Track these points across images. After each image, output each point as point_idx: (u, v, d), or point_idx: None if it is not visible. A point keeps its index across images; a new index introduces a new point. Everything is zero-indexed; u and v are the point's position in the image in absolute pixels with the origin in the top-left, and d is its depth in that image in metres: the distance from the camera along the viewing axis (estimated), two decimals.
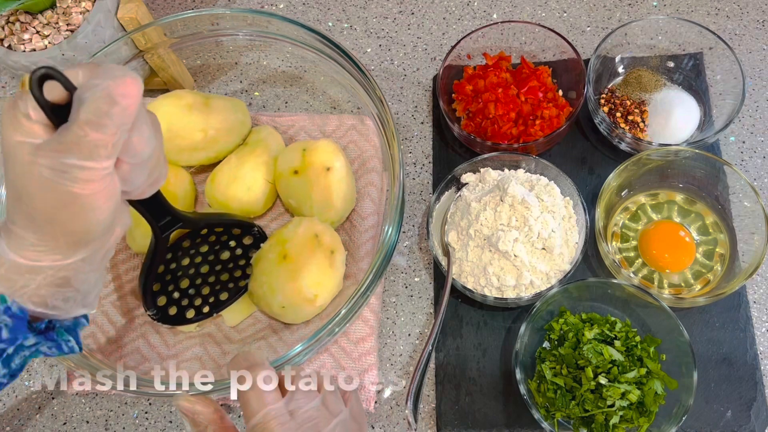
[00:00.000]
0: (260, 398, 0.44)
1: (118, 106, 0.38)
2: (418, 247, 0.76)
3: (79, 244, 0.41)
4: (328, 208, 0.71)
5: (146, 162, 0.42)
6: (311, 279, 0.66)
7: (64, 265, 0.42)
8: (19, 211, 0.40)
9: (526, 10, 0.89)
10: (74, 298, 0.44)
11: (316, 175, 0.70)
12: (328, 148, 0.72)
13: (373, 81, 0.69)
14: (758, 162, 0.78)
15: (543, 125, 0.75)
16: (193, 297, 0.69)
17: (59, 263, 0.42)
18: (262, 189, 0.74)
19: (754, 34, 0.85)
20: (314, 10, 0.92)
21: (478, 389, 0.68)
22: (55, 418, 0.71)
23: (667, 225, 0.73)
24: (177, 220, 0.60)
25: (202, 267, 0.69)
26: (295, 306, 0.67)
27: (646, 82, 0.79)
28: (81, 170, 0.37)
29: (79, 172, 0.37)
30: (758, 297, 0.71)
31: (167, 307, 0.68)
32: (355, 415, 0.48)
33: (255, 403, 0.44)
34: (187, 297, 0.68)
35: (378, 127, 0.71)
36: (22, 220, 0.40)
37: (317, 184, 0.70)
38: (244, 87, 0.86)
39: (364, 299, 0.62)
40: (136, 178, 0.42)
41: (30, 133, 0.38)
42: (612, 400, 0.60)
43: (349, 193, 0.73)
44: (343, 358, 0.69)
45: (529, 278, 0.66)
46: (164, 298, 0.67)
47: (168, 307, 0.68)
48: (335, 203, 0.71)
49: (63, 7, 0.77)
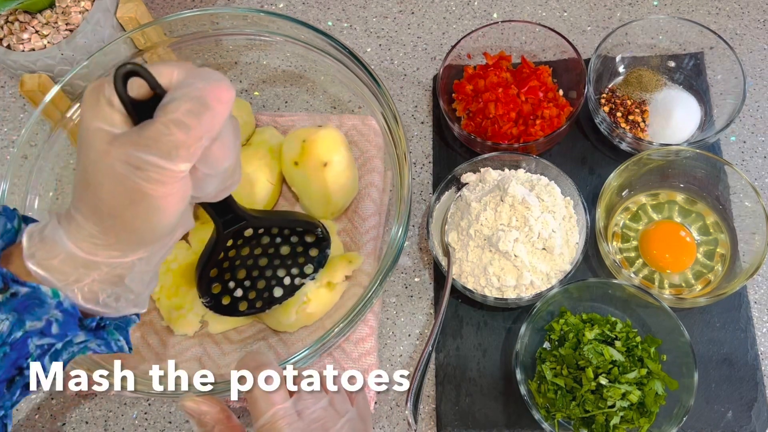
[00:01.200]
0: (268, 399, 0.44)
1: (210, 110, 0.36)
2: (418, 247, 0.76)
3: (140, 243, 0.40)
4: (326, 202, 0.72)
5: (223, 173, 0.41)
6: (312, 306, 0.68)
7: (121, 263, 0.40)
8: (85, 200, 0.39)
9: (526, 9, 0.89)
10: (126, 297, 0.43)
11: (314, 169, 0.70)
12: (327, 140, 0.71)
13: (378, 79, 0.69)
14: (759, 162, 0.77)
15: (543, 125, 0.75)
16: (247, 289, 0.67)
17: (116, 260, 0.40)
18: (265, 190, 0.74)
19: (755, 33, 0.85)
20: (314, 9, 0.91)
21: (479, 390, 0.68)
22: (54, 419, 0.71)
23: (667, 225, 0.72)
24: (241, 219, 0.60)
25: (260, 259, 0.68)
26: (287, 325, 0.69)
27: (646, 81, 0.79)
28: (156, 169, 0.36)
29: (153, 171, 0.36)
30: (759, 297, 0.71)
31: (221, 296, 0.67)
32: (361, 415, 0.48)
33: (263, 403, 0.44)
34: (242, 288, 0.67)
35: (383, 125, 0.71)
36: (86, 209, 0.39)
37: (315, 178, 0.70)
38: (244, 87, 0.86)
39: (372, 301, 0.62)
40: (210, 186, 0.41)
41: (110, 121, 0.37)
42: (612, 401, 0.60)
43: (349, 184, 0.72)
44: (344, 358, 0.69)
45: (529, 278, 0.66)
46: (219, 286, 0.67)
47: (222, 296, 0.67)
48: (334, 198, 0.71)
49: (62, 7, 0.77)
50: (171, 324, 0.70)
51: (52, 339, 0.41)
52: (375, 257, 0.71)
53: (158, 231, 0.40)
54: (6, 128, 0.87)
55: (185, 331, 0.70)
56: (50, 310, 0.40)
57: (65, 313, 0.41)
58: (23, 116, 0.87)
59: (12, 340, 0.40)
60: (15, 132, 0.87)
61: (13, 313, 0.40)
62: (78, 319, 0.42)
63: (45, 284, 0.40)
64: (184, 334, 0.70)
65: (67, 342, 0.43)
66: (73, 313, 0.41)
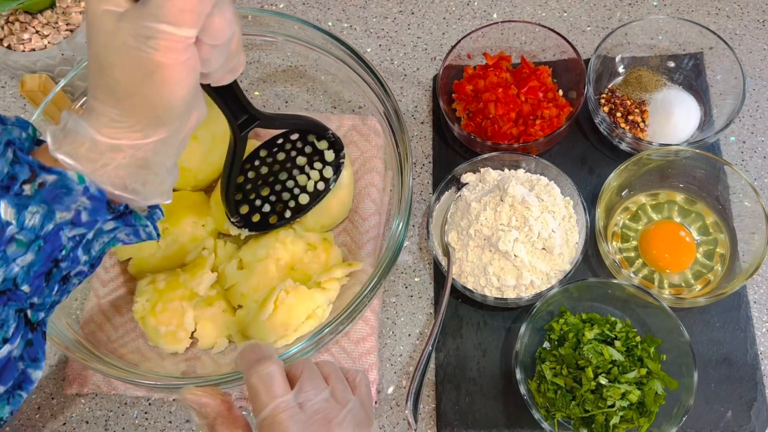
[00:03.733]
0: (269, 391, 0.44)
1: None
2: (418, 247, 0.76)
3: (159, 121, 0.42)
4: (322, 216, 0.73)
5: (226, 45, 0.43)
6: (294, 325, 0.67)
7: (144, 144, 0.42)
8: (101, 85, 0.41)
9: (526, 9, 0.89)
10: (152, 182, 0.44)
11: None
12: None
13: (381, 78, 0.70)
14: (759, 162, 0.78)
15: (543, 125, 0.75)
16: (274, 203, 0.70)
17: (138, 141, 0.42)
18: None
19: (755, 33, 0.85)
20: (314, 9, 0.92)
21: (479, 389, 0.68)
22: (54, 418, 0.71)
23: (667, 225, 0.73)
24: (254, 119, 0.61)
25: (280, 174, 0.71)
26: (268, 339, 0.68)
27: (646, 81, 0.79)
28: (164, 36, 0.38)
29: (162, 38, 0.38)
30: (758, 297, 0.71)
31: (250, 215, 0.69)
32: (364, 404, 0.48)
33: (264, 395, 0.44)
34: (269, 203, 0.70)
35: (384, 123, 0.71)
36: (103, 94, 0.41)
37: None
38: (244, 86, 0.86)
39: (370, 297, 0.62)
40: (215, 60, 0.43)
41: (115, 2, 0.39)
42: (612, 401, 0.60)
43: (346, 198, 0.73)
44: (344, 357, 0.69)
45: (529, 278, 0.66)
46: (246, 207, 0.69)
47: (251, 215, 0.69)
48: (330, 212, 0.72)
49: (62, 7, 0.77)
50: (159, 343, 0.68)
51: (83, 228, 0.43)
52: (375, 256, 0.71)
53: (174, 105, 0.41)
54: None
55: (175, 348, 0.68)
56: (78, 198, 0.42)
57: (93, 199, 0.42)
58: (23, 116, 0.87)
59: (45, 233, 0.41)
60: None
61: (43, 205, 0.41)
62: (106, 203, 0.43)
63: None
64: (175, 352, 0.69)
65: (97, 231, 0.44)
66: (101, 198, 0.43)
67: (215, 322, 0.68)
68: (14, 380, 0.44)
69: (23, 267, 0.41)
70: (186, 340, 0.68)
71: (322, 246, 0.71)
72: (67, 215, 0.42)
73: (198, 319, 0.68)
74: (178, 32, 0.38)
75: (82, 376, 0.70)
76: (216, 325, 0.69)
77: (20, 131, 0.44)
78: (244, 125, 0.61)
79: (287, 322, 0.65)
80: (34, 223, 0.41)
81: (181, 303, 0.67)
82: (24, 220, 0.41)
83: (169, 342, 0.68)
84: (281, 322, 0.65)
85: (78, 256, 0.44)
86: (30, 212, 0.41)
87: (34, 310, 0.44)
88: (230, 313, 0.70)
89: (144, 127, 0.42)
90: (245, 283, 0.69)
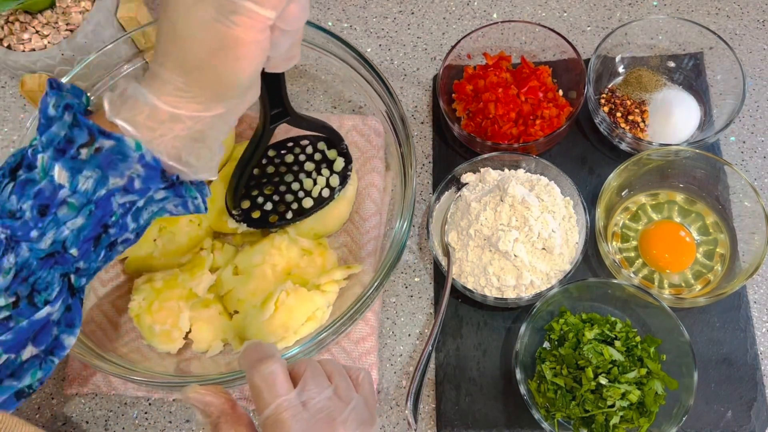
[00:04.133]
0: (272, 390, 0.44)
1: None
2: (418, 247, 0.76)
3: (222, 96, 0.42)
4: (317, 224, 0.73)
5: (295, 33, 0.44)
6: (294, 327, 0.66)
7: (203, 116, 0.43)
8: (172, 53, 0.41)
9: (526, 9, 0.89)
10: (205, 156, 0.45)
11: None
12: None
13: (384, 77, 0.70)
14: (759, 162, 0.78)
15: (543, 125, 0.75)
16: (276, 203, 0.70)
17: (199, 114, 0.42)
18: None
19: (755, 33, 0.85)
20: (314, 9, 0.92)
21: (479, 389, 0.68)
22: (54, 418, 0.71)
23: (667, 225, 0.73)
24: (285, 114, 0.62)
25: (286, 176, 0.71)
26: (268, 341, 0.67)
27: (646, 81, 0.79)
28: (248, 13, 0.38)
29: (245, 15, 0.38)
30: (758, 297, 0.71)
31: (250, 211, 0.69)
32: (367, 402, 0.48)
33: (267, 394, 0.44)
34: (272, 203, 0.70)
35: (387, 123, 0.71)
36: (171, 63, 0.41)
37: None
38: None
39: (373, 297, 0.62)
40: (282, 44, 0.43)
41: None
42: (612, 401, 0.60)
43: (344, 211, 0.74)
44: (344, 357, 0.69)
45: (529, 278, 0.66)
46: (248, 202, 0.69)
47: (251, 210, 0.70)
48: (326, 221, 0.73)
49: (62, 7, 0.77)
50: (153, 341, 0.68)
51: (135, 195, 0.43)
52: (376, 257, 0.71)
53: (240, 82, 0.42)
54: (6, 128, 0.87)
55: (168, 348, 0.68)
56: (133, 164, 0.42)
57: (147, 167, 0.42)
58: (24, 116, 0.87)
59: (96, 198, 0.42)
60: (15, 132, 0.87)
61: (97, 170, 0.41)
62: (160, 171, 0.43)
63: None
64: (167, 352, 0.68)
65: (148, 199, 0.44)
66: (155, 167, 0.43)
67: (211, 324, 0.68)
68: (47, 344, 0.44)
69: (73, 230, 0.42)
70: (179, 340, 0.68)
71: (317, 250, 0.72)
72: (120, 181, 0.42)
73: (194, 321, 0.68)
74: (262, 12, 0.39)
75: (82, 376, 0.70)
76: (211, 328, 0.68)
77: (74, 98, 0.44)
78: (274, 119, 0.61)
79: (287, 323, 0.65)
80: (87, 187, 0.41)
81: (177, 303, 0.67)
82: (77, 183, 0.41)
83: (163, 341, 0.68)
84: (281, 324, 0.65)
85: (127, 222, 0.44)
86: (84, 176, 0.41)
87: (78, 275, 0.44)
88: (226, 317, 0.70)
89: (207, 99, 0.42)
90: (242, 288, 0.68)
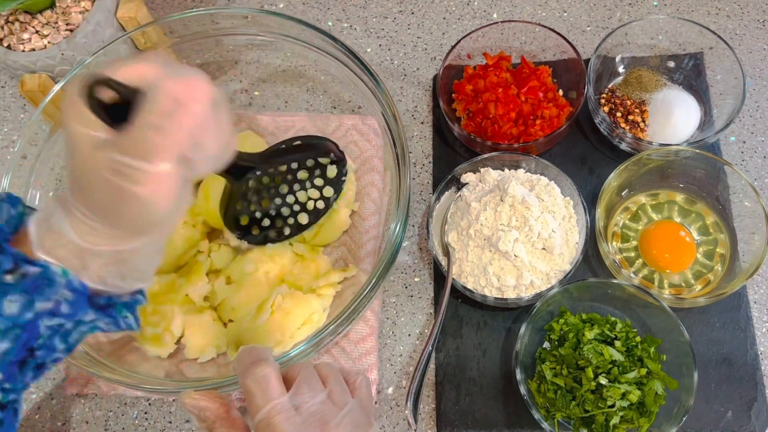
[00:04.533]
0: (264, 393, 0.44)
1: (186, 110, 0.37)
2: (418, 247, 0.76)
3: (138, 233, 0.41)
4: (320, 237, 0.73)
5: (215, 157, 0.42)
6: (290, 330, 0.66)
7: (124, 249, 0.42)
8: (81, 198, 0.40)
9: (526, 9, 0.89)
10: (132, 276, 0.44)
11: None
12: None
13: (378, 78, 0.70)
14: (759, 162, 0.77)
15: (543, 125, 0.75)
16: (274, 218, 0.69)
17: (119, 248, 0.42)
18: None
19: (755, 33, 0.85)
20: (314, 9, 0.91)
21: (479, 389, 0.68)
22: (54, 419, 0.71)
23: (667, 225, 0.72)
24: (248, 168, 0.60)
25: (281, 187, 0.69)
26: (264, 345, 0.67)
27: (646, 81, 0.79)
28: (139, 172, 0.37)
29: (136, 174, 0.37)
30: (759, 297, 0.71)
31: (250, 227, 0.68)
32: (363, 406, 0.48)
33: (260, 398, 0.44)
34: (269, 218, 0.69)
35: (383, 124, 0.71)
36: (83, 204, 0.40)
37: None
38: (245, 86, 0.86)
39: (370, 297, 0.62)
40: (204, 167, 0.42)
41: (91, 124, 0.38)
42: (612, 401, 0.60)
43: (344, 216, 0.73)
44: (343, 358, 0.69)
45: (529, 278, 0.66)
46: (246, 218, 0.68)
47: (251, 226, 0.68)
48: (328, 232, 0.73)
49: (62, 7, 0.77)
50: (144, 344, 0.68)
51: (62, 319, 0.42)
52: (375, 256, 0.71)
53: (154, 221, 0.41)
54: (6, 128, 0.87)
55: (159, 352, 0.68)
56: (60, 290, 0.41)
57: (75, 292, 0.42)
58: (23, 116, 0.87)
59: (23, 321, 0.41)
60: (15, 132, 0.87)
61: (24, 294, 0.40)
62: (87, 297, 0.43)
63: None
64: (157, 356, 0.68)
65: (77, 321, 0.43)
66: (83, 292, 0.42)
67: (204, 330, 0.68)
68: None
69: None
70: (171, 345, 0.68)
71: (310, 255, 0.71)
72: (48, 305, 0.41)
73: (187, 326, 0.68)
74: (153, 169, 0.37)
75: (82, 377, 0.70)
76: (205, 333, 0.68)
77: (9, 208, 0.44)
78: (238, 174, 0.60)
79: (284, 326, 0.65)
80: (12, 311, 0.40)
81: (172, 307, 0.67)
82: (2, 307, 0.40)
83: (154, 344, 0.67)
84: (278, 327, 0.65)
85: (55, 344, 0.43)
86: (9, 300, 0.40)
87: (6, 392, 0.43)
88: (220, 324, 0.70)
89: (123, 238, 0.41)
90: (236, 297, 0.68)
